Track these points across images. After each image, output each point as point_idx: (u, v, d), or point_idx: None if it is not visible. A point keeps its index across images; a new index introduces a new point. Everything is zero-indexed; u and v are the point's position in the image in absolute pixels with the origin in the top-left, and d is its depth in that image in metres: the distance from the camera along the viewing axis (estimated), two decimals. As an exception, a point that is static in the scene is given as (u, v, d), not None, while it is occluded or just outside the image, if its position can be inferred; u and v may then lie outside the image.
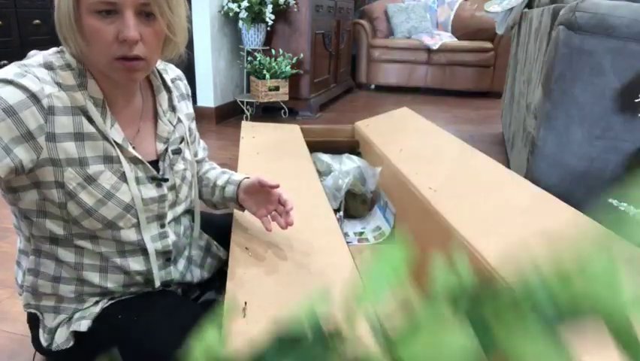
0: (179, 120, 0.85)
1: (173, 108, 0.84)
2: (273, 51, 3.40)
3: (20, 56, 0.72)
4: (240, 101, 3.43)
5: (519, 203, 1.06)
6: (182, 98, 0.89)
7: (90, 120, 0.70)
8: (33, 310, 0.80)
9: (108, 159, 0.72)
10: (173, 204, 0.84)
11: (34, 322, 0.81)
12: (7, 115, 0.61)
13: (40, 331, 0.79)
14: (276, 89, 3.28)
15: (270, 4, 3.17)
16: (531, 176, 1.45)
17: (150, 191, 0.78)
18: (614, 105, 1.32)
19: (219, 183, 0.97)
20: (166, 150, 0.81)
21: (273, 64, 3.24)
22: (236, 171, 1.28)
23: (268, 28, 3.35)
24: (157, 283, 0.81)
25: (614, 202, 0.93)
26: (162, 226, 0.81)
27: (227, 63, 3.39)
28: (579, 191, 1.41)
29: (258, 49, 3.33)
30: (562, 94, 1.36)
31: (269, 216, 0.92)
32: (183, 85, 0.90)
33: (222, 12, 3.19)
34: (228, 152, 2.64)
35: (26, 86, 0.63)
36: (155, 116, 0.82)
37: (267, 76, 3.22)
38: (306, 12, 3.37)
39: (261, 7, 3.14)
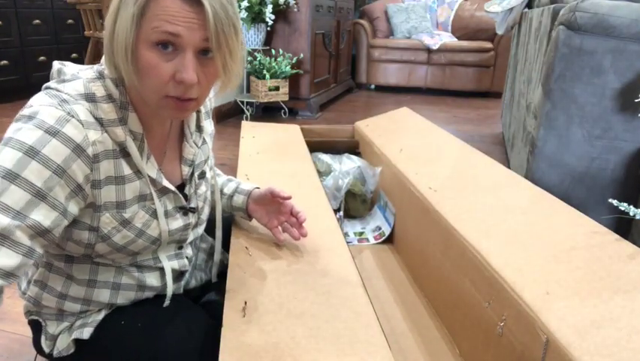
0: (204, 141, 0.83)
1: (199, 128, 0.82)
2: (273, 51, 3.40)
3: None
4: (240, 101, 3.43)
5: (519, 203, 1.05)
6: (208, 116, 0.86)
7: (128, 158, 0.68)
8: (35, 318, 0.79)
9: (142, 198, 0.71)
10: (195, 226, 0.83)
11: (36, 326, 0.80)
12: (59, 176, 0.59)
13: (43, 337, 0.78)
14: (276, 89, 3.28)
15: (270, 4, 3.17)
16: (531, 176, 1.45)
17: (177, 221, 0.77)
18: (614, 105, 1.32)
19: (226, 191, 0.97)
20: (192, 174, 0.80)
21: (273, 64, 3.24)
22: (236, 171, 1.28)
23: (268, 28, 3.35)
24: (167, 302, 0.79)
25: (615, 202, 0.93)
26: (180, 247, 0.81)
27: (227, 63, 3.39)
28: (579, 191, 1.41)
29: (258, 49, 3.33)
30: (562, 94, 1.36)
31: (280, 227, 0.92)
32: (209, 100, 0.88)
33: (222, 12, 3.18)
34: (228, 152, 2.64)
35: (71, 137, 0.60)
36: (181, 137, 0.80)
37: (267, 76, 3.22)
38: (306, 12, 3.37)
39: (261, 7, 3.14)
